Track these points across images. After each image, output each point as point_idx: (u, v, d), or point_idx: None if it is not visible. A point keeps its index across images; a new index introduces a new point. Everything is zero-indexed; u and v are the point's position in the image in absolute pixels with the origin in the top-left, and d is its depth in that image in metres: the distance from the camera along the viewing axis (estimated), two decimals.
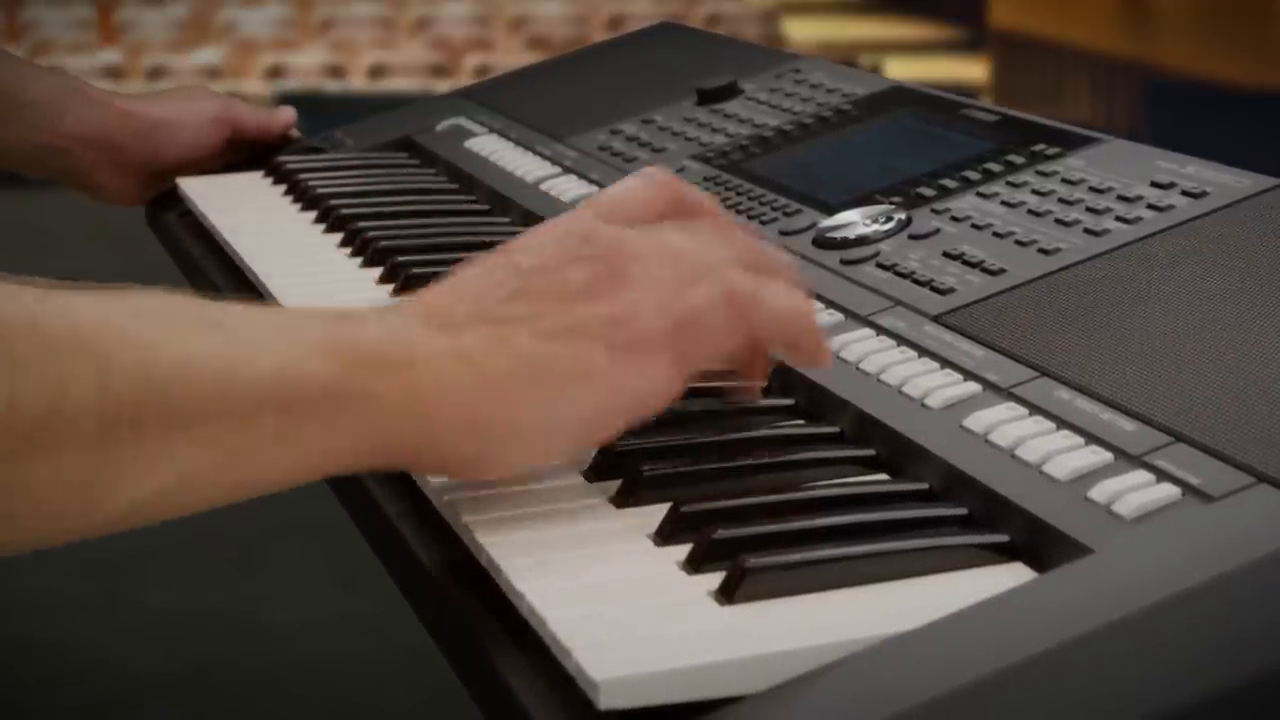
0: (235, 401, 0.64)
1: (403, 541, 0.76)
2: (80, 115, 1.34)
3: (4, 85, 1.34)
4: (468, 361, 0.68)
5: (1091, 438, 0.72)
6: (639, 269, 0.72)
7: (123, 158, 1.36)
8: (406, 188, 1.29)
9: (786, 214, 1.03)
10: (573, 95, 1.41)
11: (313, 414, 0.65)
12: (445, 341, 0.68)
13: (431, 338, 0.68)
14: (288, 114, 1.45)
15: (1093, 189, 0.95)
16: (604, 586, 0.66)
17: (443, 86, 5.60)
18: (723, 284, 0.72)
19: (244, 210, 1.26)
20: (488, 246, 0.98)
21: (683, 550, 0.68)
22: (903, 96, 1.20)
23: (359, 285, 1.06)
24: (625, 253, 0.72)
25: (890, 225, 0.97)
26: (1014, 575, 0.67)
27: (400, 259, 1.07)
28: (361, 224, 1.15)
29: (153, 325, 0.64)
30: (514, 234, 1.20)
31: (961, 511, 0.71)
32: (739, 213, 1.06)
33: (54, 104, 1.34)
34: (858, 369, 0.83)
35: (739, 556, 0.65)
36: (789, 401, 0.85)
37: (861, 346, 0.85)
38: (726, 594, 0.64)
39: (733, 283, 0.72)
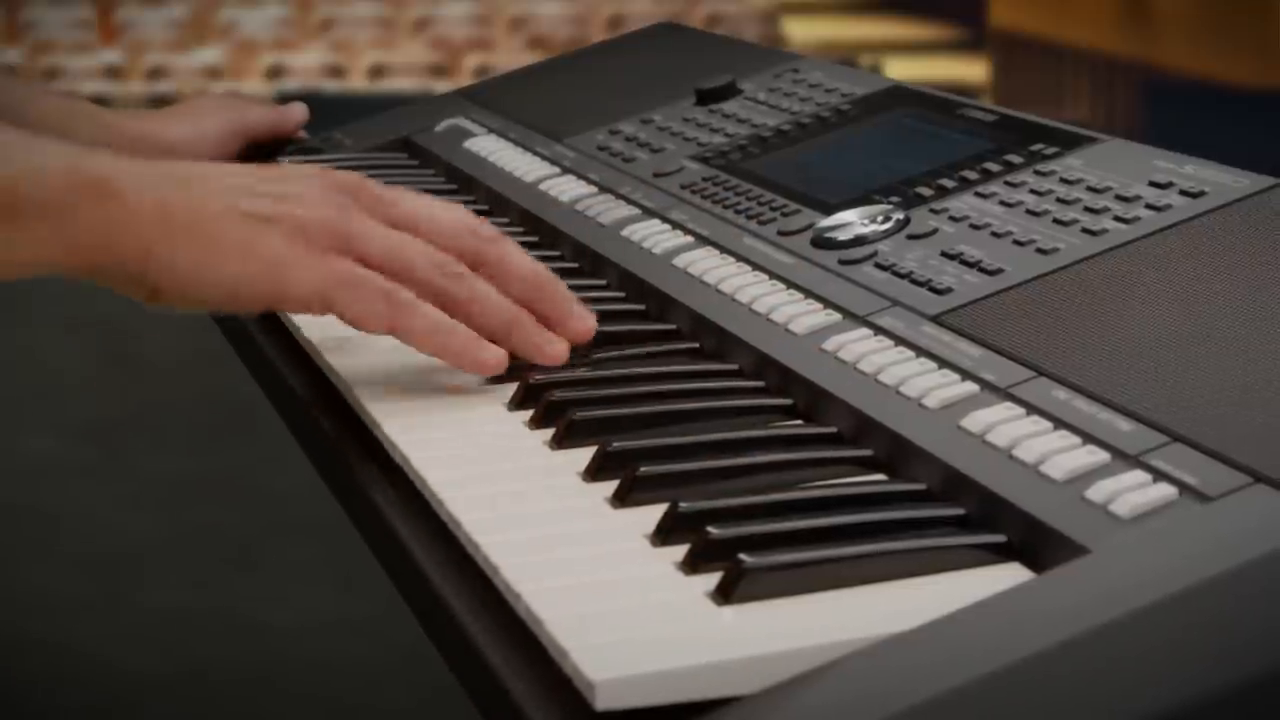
0: None
1: (401, 542, 0.76)
2: (89, 138, 1.31)
3: (8, 107, 1.32)
4: (161, 206, 0.83)
5: (1088, 438, 0.72)
6: (361, 234, 0.85)
7: None
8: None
9: (785, 214, 1.03)
10: (572, 95, 1.41)
11: (32, 221, 0.82)
12: (156, 187, 0.83)
13: (142, 179, 0.83)
14: (298, 111, 1.44)
15: (1091, 189, 0.95)
16: (601, 587, 0.66)
17: (443, 86, 5.60)
18: (391, 289, 0.84)
19: None
20: None
21: (680, 550, 0.68)
22: (901, 96, 1.20)
23: None
24: (363, 214, 0.86)
25: (888, 225, 0.97)
26: (1011, 575, 0.67)
27: None
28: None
29: None
30: (514, 234, 1.20)
31: (959, 512, 0.71)
32: (737, 213, 1.06)
33: (61, 126, 1.32)
34: (855, 369, 0.83)
35: (736, 557, 0.65)
36: (787, 401, 0.85)
37: (859, 346, 0.85)
38: (724, 594, 0.64)
39: (403, 296, 0.84)
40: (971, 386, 0.79)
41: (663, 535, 0.70)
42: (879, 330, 0.86)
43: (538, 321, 0.88)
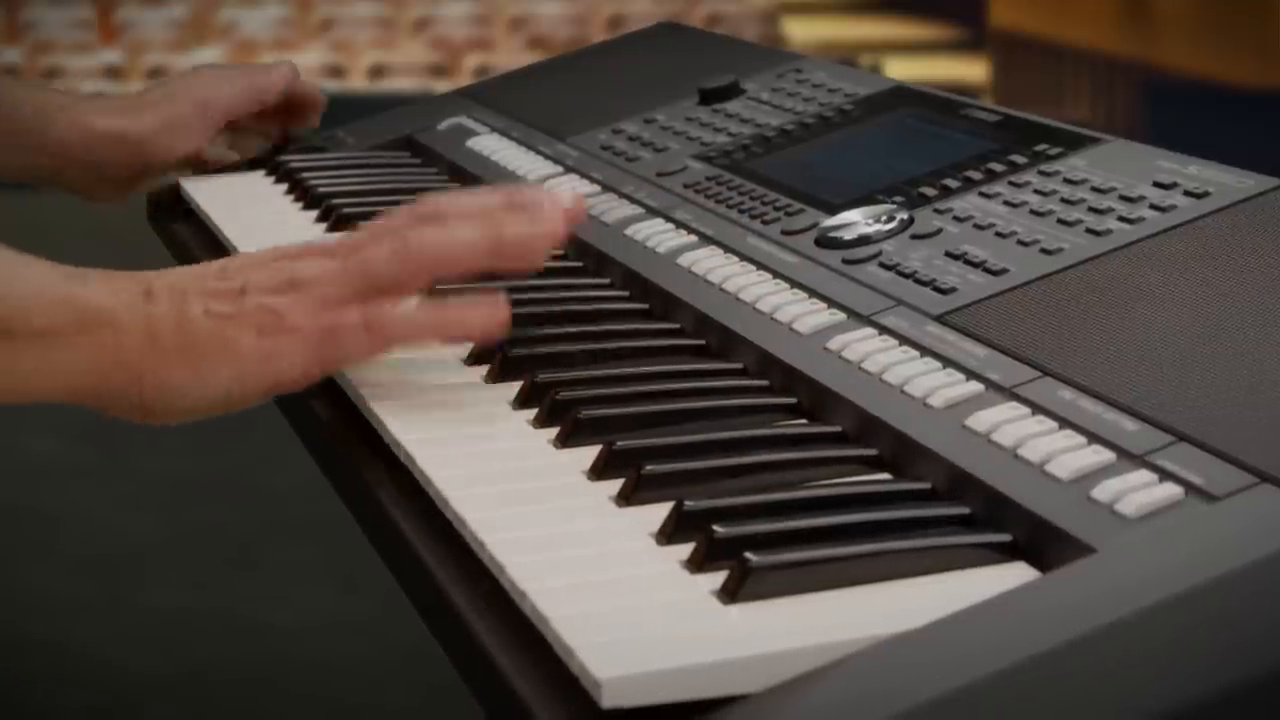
0: None
1: (404, 541, 0.76)
2: (62, 137, 1.30)
3: None
4: (148, 329, 0.83)
5: (1094, 437, 0.72)
6: (315, 279, 0.85)
7: (112, 172, 1.32)
8: (408, 187, 1.29)
9: (789, 214, 1.03)
10: (574, 95, 1.41)
11: (26, 350, 0.82)
12: (140, 309, 0.83)
13: (132, 305, 0.83)
14: (279, 74, 1.36)
15: (1095, 189, 0.95)
16: (606, 585, 0.66)
17: (443, 86, 5.60)
18: (365, 314, 0.84)
19: (246, 209, 1.26)
20: None
21: (685, 549, 0.68)
22: (904, 96, 1.20)
23: None
24: (312, 261, 0.86)
25: (892, 225, 0.97)
26: (1017, 575, 0.67)
27: None
28: (363, 223, 1.15)
29: None
30: None
31: (964, 511, 0.71)
32: (741, 212, 1.05)
33: (35, 121, 1.30)
34: (860, 369, 0.83)
35: (742, 555, 0.65)
36: (791, 400, 0.85)
37: (864, 346, 0.85)
38: (729, 593, 0.64)
39: (375, 312, 0.84)
40: (976, 386, 0.79)
41: (668, 534, 0.70)
42: (883, 330, 0.86)
43: None
